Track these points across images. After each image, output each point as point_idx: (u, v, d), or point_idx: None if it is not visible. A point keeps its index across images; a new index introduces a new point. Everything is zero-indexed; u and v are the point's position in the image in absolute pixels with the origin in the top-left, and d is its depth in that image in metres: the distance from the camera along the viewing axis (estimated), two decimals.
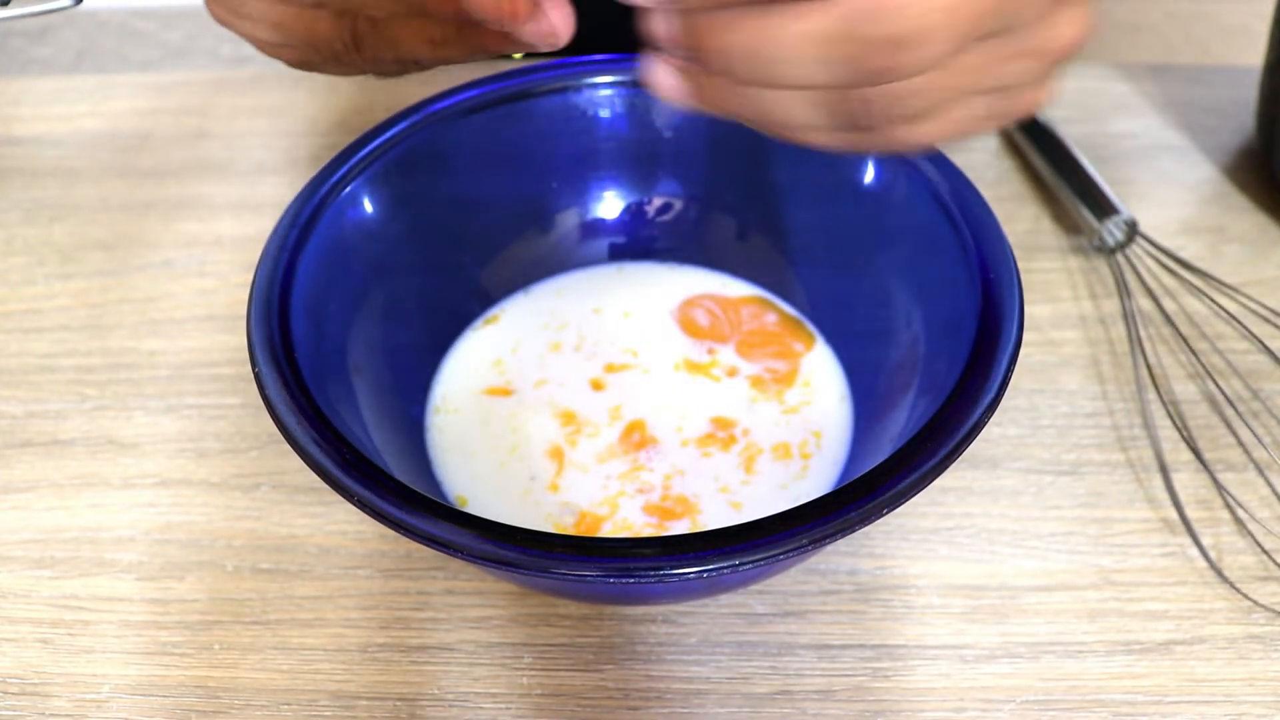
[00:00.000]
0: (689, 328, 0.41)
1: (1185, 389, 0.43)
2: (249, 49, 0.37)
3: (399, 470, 0.32)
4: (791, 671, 0.34)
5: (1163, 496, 0.39)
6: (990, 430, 0.41)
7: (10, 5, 0.38)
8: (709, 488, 0.36)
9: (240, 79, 0.58)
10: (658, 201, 0.42)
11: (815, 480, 0.36)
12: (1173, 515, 0.38)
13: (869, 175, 0.37)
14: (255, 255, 0.33)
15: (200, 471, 0.40)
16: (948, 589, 0.36)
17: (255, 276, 0.32)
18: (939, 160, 0.35)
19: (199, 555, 0.38)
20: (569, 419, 0.38)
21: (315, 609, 0.36)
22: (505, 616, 0.36)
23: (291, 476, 0.40)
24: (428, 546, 0.26)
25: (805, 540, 0.25)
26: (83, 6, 0.41)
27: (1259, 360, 0.43)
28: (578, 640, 0.35)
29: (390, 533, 0.37)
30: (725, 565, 0.25)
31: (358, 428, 0.32)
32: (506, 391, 0.39)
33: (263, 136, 0.54)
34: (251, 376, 0.30)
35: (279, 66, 0.37)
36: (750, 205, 0.41)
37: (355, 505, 0.27)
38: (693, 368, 0.39)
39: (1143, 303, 0.46)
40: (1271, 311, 0.44)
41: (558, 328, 0.41)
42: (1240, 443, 0.41)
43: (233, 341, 0.45)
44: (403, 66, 0.34)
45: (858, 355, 0.39)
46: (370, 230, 0.36)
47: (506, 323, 0.41)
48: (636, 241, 0.42)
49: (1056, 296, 0.46)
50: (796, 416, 0.38)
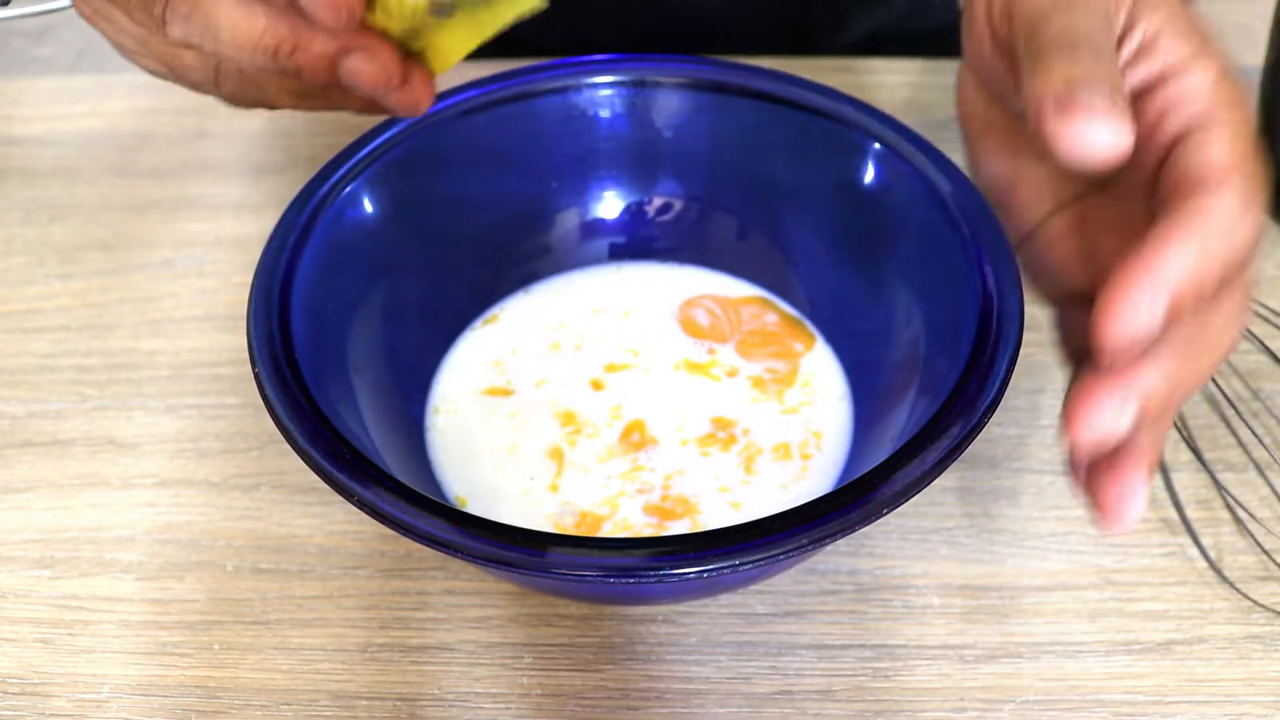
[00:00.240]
0: (689, 328, 0.41)
1: None
2: None
3: (399, 470, 0.32)
4: (791, 671, 0.34)
5: (1163, 496, 0.39)
6: (990, 430, 0.41)
7: (10, 5, 0.38)
8: (709, 488, 0.36)
9: None
10: (658, 201, 0.42)
11: (815, 480, 0.36)
12: (1173, 515, 0.38)
13: (869, 175, 0.37)
14: (255, 255, 0.33)
15: (200, 471, 0.40)
16: (948, 589, 0.36)
17: (255, 276, 0.32)
18: (939, 160, 0.35)
19: (199, 555, 0.38)
20: (569, 419, 0.38)
21: (315, 609, 0.36)
22: (505, 616, 0.36)
23: (291, 476, 0.40)
24: (428, 546, 0.26)
25: (805, 540, 0.25)
26: None
27: (1259, 360, 0.43)
28: (578, 640, 0.35)
29: (390, 533, 0.37)
30: (725, 565, 0.25)
31: (357, 428, 0.32)
32: (506, 391, 0.39)
33: (263, 136, 0.54)
34: (251, 376, 0.30)
35: None
36: (750, 205, 0.41)
37: (355, 505, 0.27)
38: (693, 368, 0.39)
39: None
40: (1272, 311, 0.44)
41: (557, 327, 0.41)
42: (1240, 442, 0.41)
43: (233, 341, 0.45)
44: (261, 106, 0.33)
45: (858, 355, 0.39)
46: (370, 230, 0.36)
47: (506, 323, 0.41)
48: (636, 241, 0.42)
49: None
50: (796, 416, 0.38)
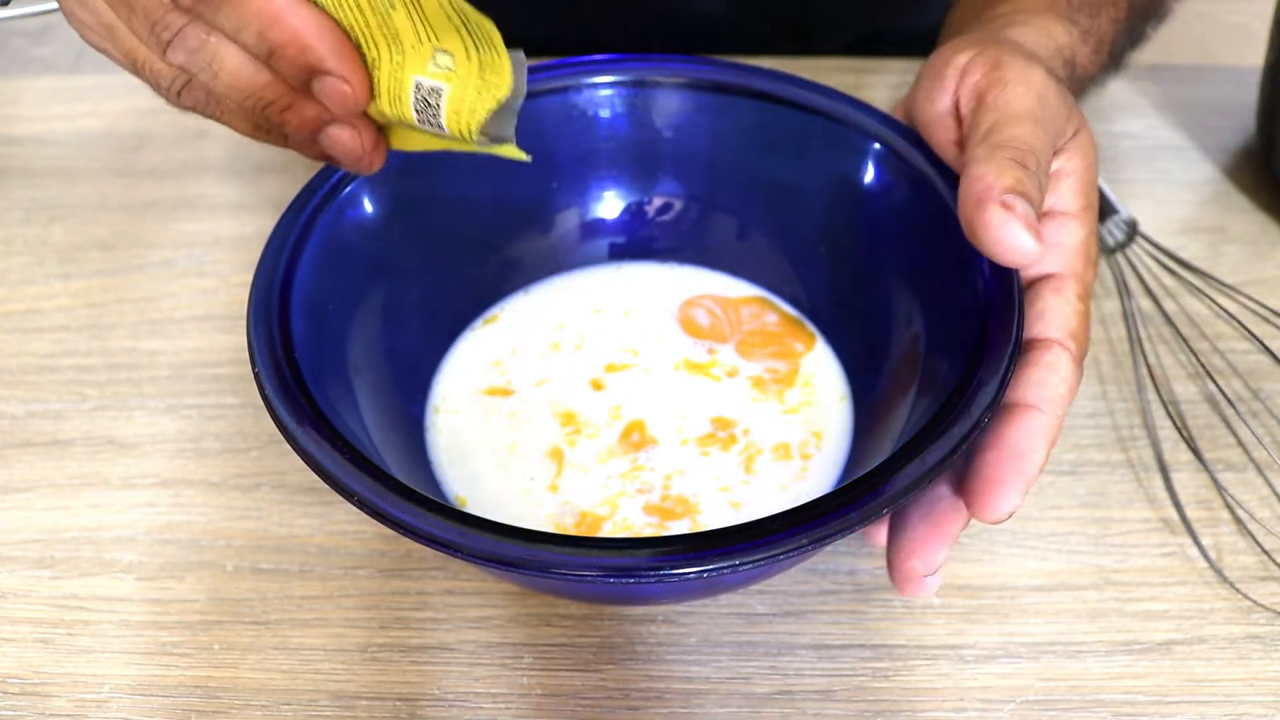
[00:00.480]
0: (689, 327, 0.41)
1: (1185, 389, 0.43)
2: None
3: (399, 470, 0.32)
4: (791, 671, 0.34)
5: (1163, 496, 0.39)
6: None
7: (10, 5, 0.38)
8: (709, 488, 0.36)
9: None
10: (658, 201, 0.42)
11: (815, 480, 0.36)
12: (1173, 515, 0.38)
13: (869, 175, 0.37)
14: (255, 255, 0.33)
15: (200, 471, 0.40)
16: (948, 589, 0.36)
17: (255, 276, 0.32)
18: (939, 160, 0.35)
19: (199, 555, 0.38)
20: (569, 419, 0.38)
21: (315, 609, 0.36)
22: (505, 616, 0.36)
23: (291, 476, 0.40)
24: (428, 546, 0.26)
25: (805, 540, 0.25)
26: None
27: (1259, 360, 0.43)
28: (578, 640, 0.35)
29: (390, 533, 0.37)
30: (725, 565, 0.25)
31: (357, 427, 0.32)
32: (506, 391, 0.39)
33: None
34: (251, 376, 0.30)
35: None
36: (750, 205, 0.41)
37: (355, 505, 0.27)
38: (693, 368, 0.39)
39: (1143, 303, 0.46)
40: (1271, 311, 0.44)
41: (557, 327, 0.41)
42: (1240, 443, 0.41)
43: (232, 341, 0.45)
44: (211, 119, 0.31)
45: (858, 355, 0.39)
46: (370, 230, 0.36)
47: (506, 322, 0.41)
48: (636, 241, 0.42)
49: None
50: (797, 416, 0.38)
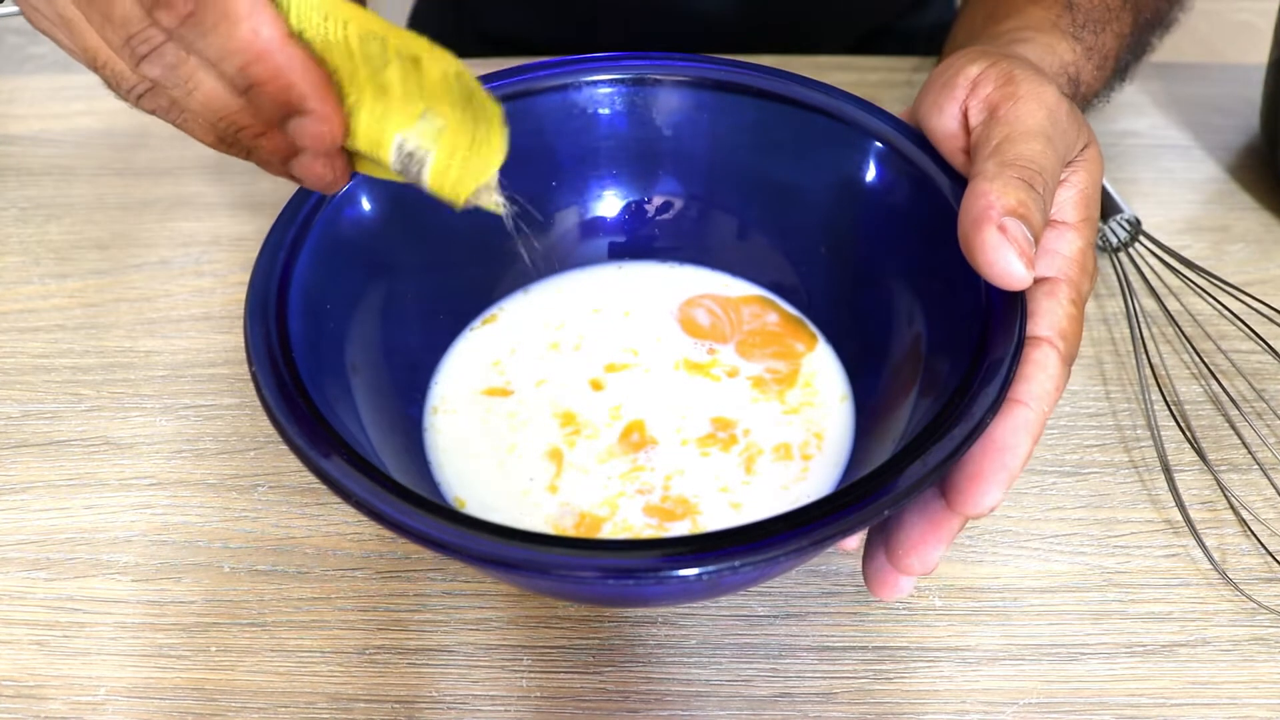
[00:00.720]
0: (689, 327, 0.40)
1: (1189, 389, 0.42)
2: None
3: (397, 471, 0.32)
4: (792, 674, 0.34)
5: (1166, 497, 0.39)
6: None
7: (6, 2, 0.38)
8: (709, 488, 0.35)
9: None
10: (658, 200, 0.42)
11: (816, 481, 0.36)
12: (1176, 516, 0.38)
13: (870, 175, 0.37)
14: (252, 254, 0.33)
15: (197, 472, 0.40)
16: (949, 590, 0.36)
17: (252, 275, 0.32)
18: (940, 160, 0.35)
19: (195, 556, 0.38)
20: (568, 419, 0.37)
21: (313, 611, 0.36)
22: (504, 618, 0.36)
23: (289, 477, 0.40)
24: (426, 548, 0.26)
25: (806, 542, 0.25)
26: None
27: (1263, 361, 0.43)
28: (577, 642, 0.35)
29: (388, 534, 0.37)
30: (725, 567, 0.25)
31: (355, 428, 0.31)
32: (506, 391, 0.38)
33: None
34: (249, 376, 0.29)
35: None
36: (750, 205, 0.41)
37: (353, 506, 0.26)
38: (693, 368, 0.39)
39: (1146, 302, 0.45)
40: (1276, 311, 0.44)
41: (557, 327, 0.40)
42: (1244, 443, 0.40)
43: (229, 341, 0.45)
44: (172, 125, 0.30)
45: (859, 355, 0.38)
46: (368, 229, 0.36)
47: (506, 322, 0.41)
48: (636, 241, 0.42)
49: None
50: (797, 417, 0.37)
